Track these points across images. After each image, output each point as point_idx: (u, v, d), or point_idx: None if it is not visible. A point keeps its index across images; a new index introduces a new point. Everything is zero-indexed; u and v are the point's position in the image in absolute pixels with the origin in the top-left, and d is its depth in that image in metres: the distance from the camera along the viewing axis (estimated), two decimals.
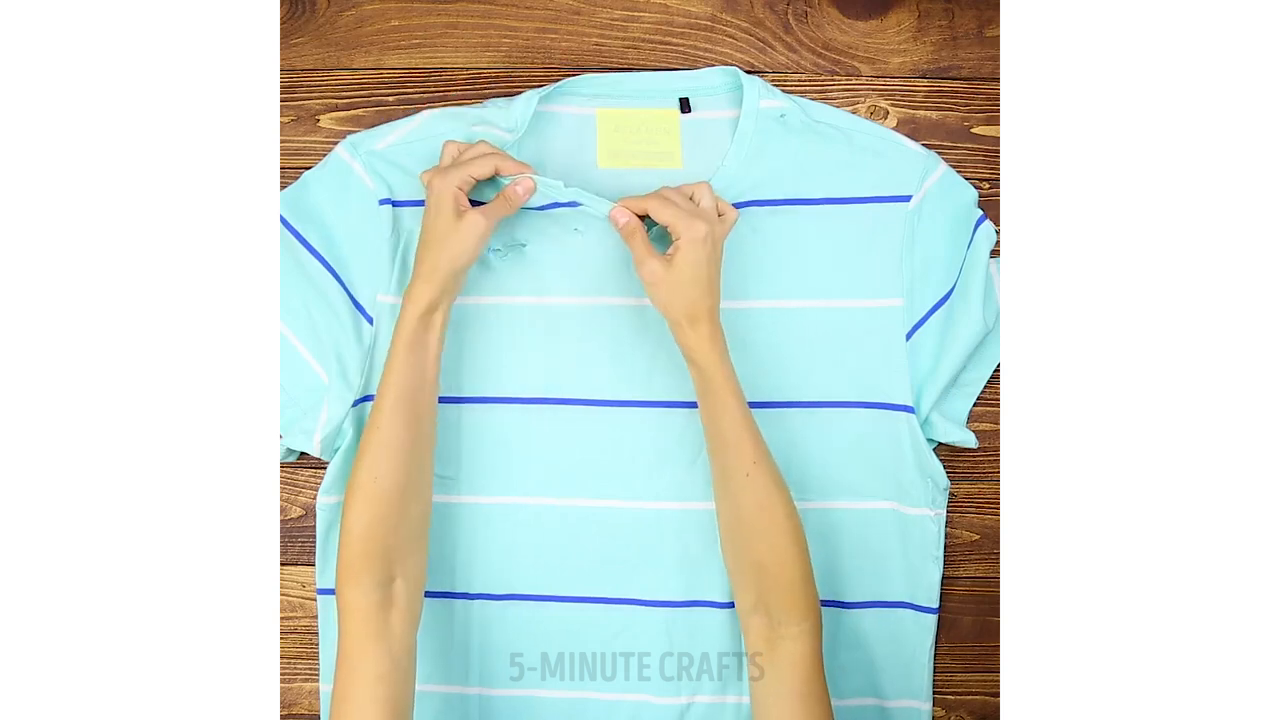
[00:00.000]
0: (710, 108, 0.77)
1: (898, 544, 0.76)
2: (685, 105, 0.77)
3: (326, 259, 0.75)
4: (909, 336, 0.74)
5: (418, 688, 0.75)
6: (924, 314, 0.75)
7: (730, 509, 0.68)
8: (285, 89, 0.78)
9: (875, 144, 0.76)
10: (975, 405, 0.78)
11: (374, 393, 0.74)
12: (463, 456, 0.76)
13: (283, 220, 0.75)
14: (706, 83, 0.77)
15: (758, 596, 0.67)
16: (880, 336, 0.74)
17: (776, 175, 0.76)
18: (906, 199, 0.75)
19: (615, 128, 0.77)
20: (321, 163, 0.76)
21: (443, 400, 0.75)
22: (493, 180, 0.72)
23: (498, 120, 0.75)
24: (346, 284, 0.75)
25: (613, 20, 0.79)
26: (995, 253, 0.78)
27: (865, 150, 0.75)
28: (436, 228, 0.68)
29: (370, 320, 0.75)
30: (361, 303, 0.75)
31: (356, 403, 0.75)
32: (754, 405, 0.70)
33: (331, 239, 0.75)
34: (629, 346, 0.76)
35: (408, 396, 0.67)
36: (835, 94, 0.79)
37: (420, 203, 0.74)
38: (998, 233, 0.76)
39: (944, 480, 0.76)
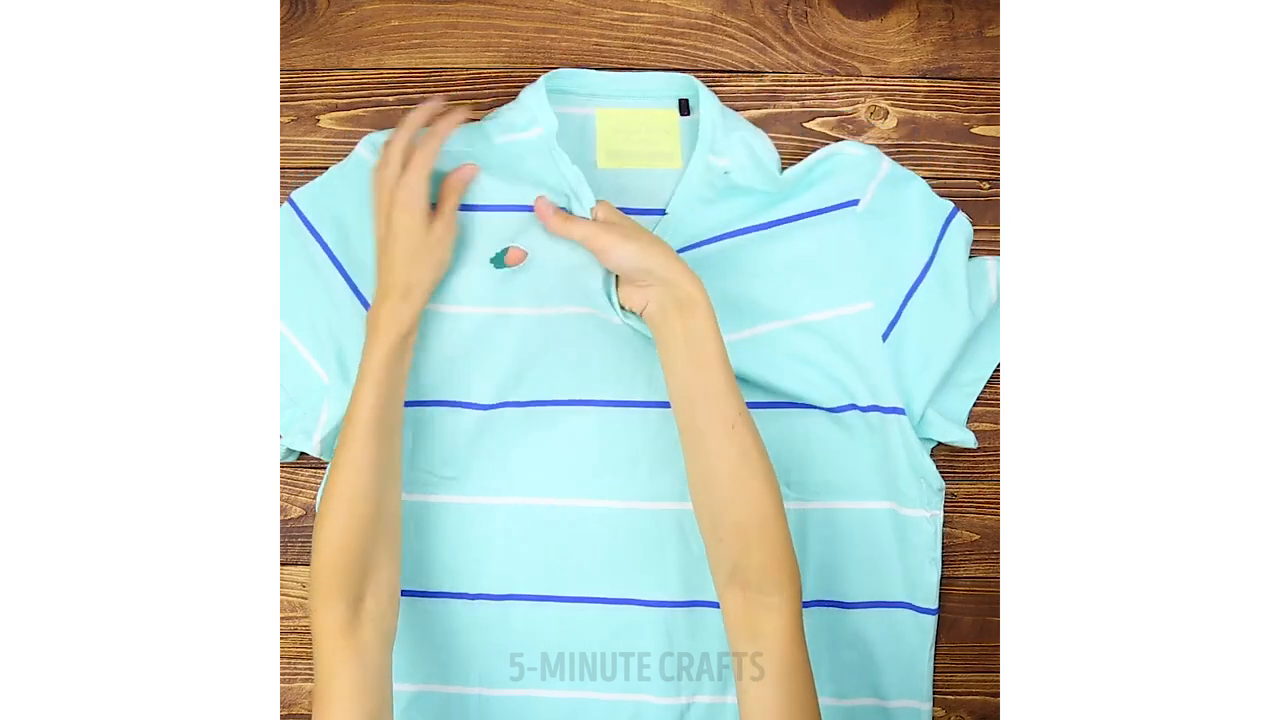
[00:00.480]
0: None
1: (896, 545, 0.76)
2: (685, 107, 0.77)
3: (339, 258, 0.75)
4: (885, 337, 0.74)
5: (418, 688, 0.75)
6: (895, 311, 0.75)
7: (709, 468, 0.66)
8: (285, 89, 0.78)
9: (823, 166, 0.75)
10: (975, 405, 0.79)
11: None
12: (464, 458, 0.75)
13: (300, 214, 0.75)
14: (671, 89, 0.77)
15: (736, 564, 0.64)
16: (857, 342, 0.74)
17: (727, 216, 0.76)
18: (855, 203, 0.75)
19: (615, 128, 0.77)
20: (343, 161, 0.76)
21: (444, 404, 0.75)
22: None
23: (517, 122, 0.75)
24: (357, 284, 0.75)
25: (613, 20, 0.79)
26: (994, 253, 0.78)
27: (815, 173, 0.75)
28: (409, 243, 0.67)
29: None
30: (371, 303, 0.75)
31: None
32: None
33: (348, 238, 0.75)
34: (629, 349, 0.75)
35: (383, 417, 0.66)
36: (835, 94, 0.79)
37: (462, 207, 0.74)
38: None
39: (937, 481, 0.76)
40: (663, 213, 0.76)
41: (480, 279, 0.74)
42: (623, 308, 0.72)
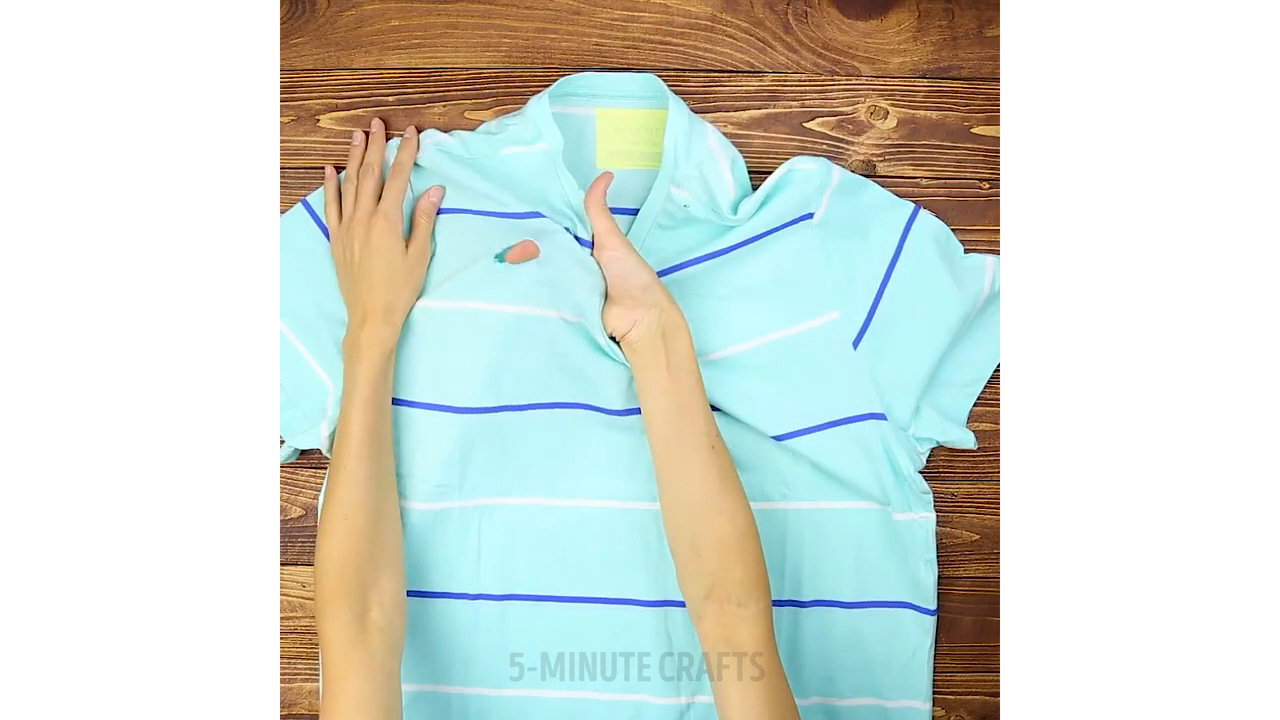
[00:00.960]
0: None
1: (892, 547, 0.76)
2: None
3: None
4: (856, 344, 0.74)
5: (418, 688, 0.75)
6: (865, 317, 0.74)
7: (691, 489, 0.68)
8: (285, 89, 0.78)
9: (776, 185, 0.75)
10: (975, 405, 0.78)
11: None
12: (465, 460, 0.75)
13: (314, 216, 0.76)
14: (649, 90, 0.76)
15: (716, 579, 0.66)
16: (829, 353, 0.74)
17: (686, 244, 0.76)
18: (810, 216, 0.75)
19: (614, 128, 0.77)
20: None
21: (444, 409, 0.74)
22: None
23: (523, 135, 0.75)
24: None
25: (613, 20, 0.79)
26: (995, 252, 0.78)
27: (769, 194, 0.75)
28: (389, 265, 0.70)
29: None
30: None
31: None
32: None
33: None
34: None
35: (373, 434, 0.68)
36: (835, 94, 0.79)
37: (458, 210, 0.74)
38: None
39: (921, 484, 0.76)
40: None
41: (478, 279, 0.74)
42: (611, 338, 0.73)
